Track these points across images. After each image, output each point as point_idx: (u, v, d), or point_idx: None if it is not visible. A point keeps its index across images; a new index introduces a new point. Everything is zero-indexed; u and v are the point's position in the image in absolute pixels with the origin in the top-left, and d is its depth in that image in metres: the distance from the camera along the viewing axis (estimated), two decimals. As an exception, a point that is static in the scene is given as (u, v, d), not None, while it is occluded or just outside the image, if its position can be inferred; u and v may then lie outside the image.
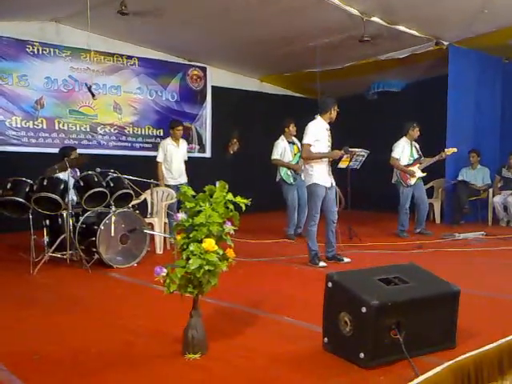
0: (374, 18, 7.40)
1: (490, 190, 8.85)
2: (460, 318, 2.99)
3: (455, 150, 7.67)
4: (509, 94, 9.32)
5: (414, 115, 8.49)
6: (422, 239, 7.24)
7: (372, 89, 10.70)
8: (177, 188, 6.87)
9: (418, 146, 7.85)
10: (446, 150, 7.73)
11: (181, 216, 2.87)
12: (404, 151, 7.76)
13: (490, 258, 5.99)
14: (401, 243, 6.86)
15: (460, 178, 8.89)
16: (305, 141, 5.56)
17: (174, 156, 7.16)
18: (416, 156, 7.76)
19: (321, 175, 5.51)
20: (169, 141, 7.25)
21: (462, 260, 5.92)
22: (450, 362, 2.71)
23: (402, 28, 7.75)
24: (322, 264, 5.53)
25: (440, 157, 7.70)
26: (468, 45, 8.42)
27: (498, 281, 4.86)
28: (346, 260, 5.71)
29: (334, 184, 5.66)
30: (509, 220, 8.66)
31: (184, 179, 7.23)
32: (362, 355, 2.70)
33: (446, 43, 8.37)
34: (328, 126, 5.65)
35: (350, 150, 7.14)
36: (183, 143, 7.38)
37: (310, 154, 5.53)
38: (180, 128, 7.24)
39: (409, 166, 7.73)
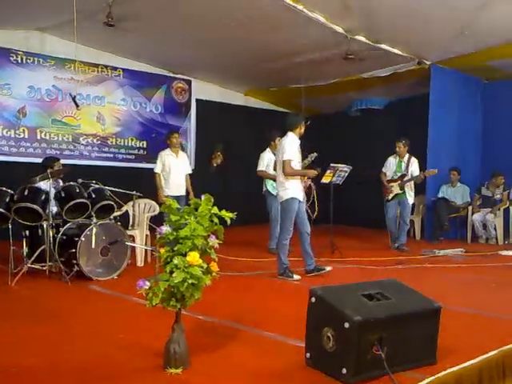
0: (359, 37, 7.53)
1: (470, 208, 8.99)
2: (440, 334, 3.02)
3: (435, 171, 7.80)
4: (489, 114, 9.51)
5: (395, 133, 8.63)
6: (402, 255, 7.31)
7: (355, 106, 10.84)
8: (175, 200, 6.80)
9: (411, 163, 7.95)
10: (426, 171, 7.87)
11: (165, 229, 2.86)
12: (390, 166, 8.10)
13: (469, 275, 6.06)
14: (382, 259, 6.90)
15: (440, 195, 9.03)
16: (286, 157, 5.53)
17: (172, 167, 7.12)
18: (403, 172, 7.89)
19: (296, 190, 5.60)
20: (167, 151, 7.23)
21: (441, 276, 5.98)
22: (431, 378, 2.74)
23: (385, 47, 7.89)
24: (296, 277, 5.56)
25: (420, 178, 7.81)
26: (449, 65, 8.60)
27: (477, 297, 4.92)
28: (328, 268, 5.72)
29: (304, 198, 5.78)
30: (487, 237, 8.79)
31: (183, 191, 7.17)
32: (344, 371, 2.70)
33: (428, 63, 8.54)
34: (299, 141, 5.69)
35: (332, 165, 7.27)
36: (183, 156, 7.36)
37: (294, 170, 5.58)
38: (176, 135, 7.24)
39: (391, 181, 7.93)
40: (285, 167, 5.54)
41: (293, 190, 5.56)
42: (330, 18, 6.97)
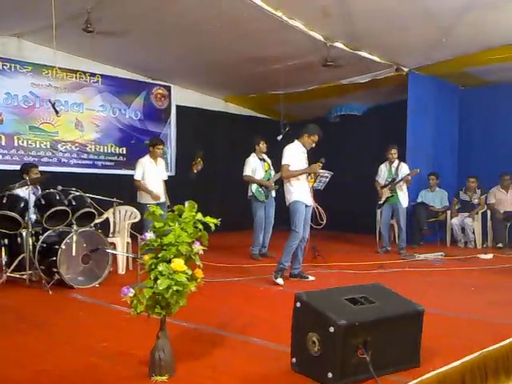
0: (337, 44, 7.61)
1: (448, 212, 9.12)
2: (423, 337, 3.05)
3: (418, 170, 7.98)
4: (465, 120, 9.70)
5: (374, 138, 8.75)
6: (383, 259, 7.39)
7: (334, 112, 10.94)
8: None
9: (400, 167, 8.13)
10: (410, 172, 8.01)
11: (149, 236, 2.84)
12: (382, 174, 8.40)
13: (449, 278, 6.15)
14: (363, 263, 6.95)
15: (419, 199, 9.15)
16: (283, 162, 5.76)
17: (152, 174, 7.04)
18: (393, 177, 8.10)
19: (301, 193, 5.70)
20: (147, 159, 7.15)
21: (422, 280, 6.05)
22: (415, 381, 2.77)
23: (363, 54, 8.00)
24: (279, 281, 5.60)
25: (407, 178, 7.96)
26: (427, 71, 8.75)
27: (457, 300, 4.99)
28: (311, 278, 5.79)
29: (311, 204, 5.80)
30: (466, 241, 8.92)
31: (163, 198, 7.10)
32: (330, 375, 2.72)
33: (405, 69, 8.67)
34: (304, 149, 5.83)
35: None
36: (161, 162, 7.31)
37: (289, 172, 5.73)
38: (161, 147, 7.17)
39: (384, 186, 8.23)
40: (282, 171, 5.79)
41: (296, 193, 5.69)
42: (309, 25, 7.04)
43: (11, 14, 7.01)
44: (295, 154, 5.75)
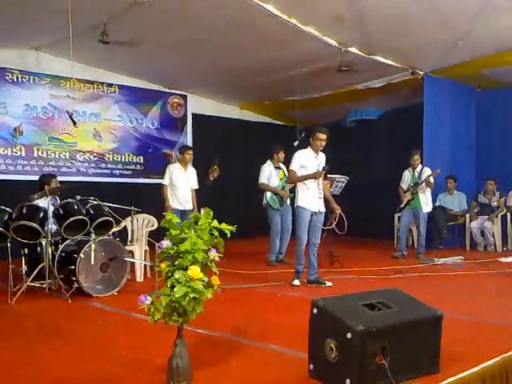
0: (352, 49, 7.60)
1: (467, 216, 9.02)
2: (442, 343, 3.02)
3: (438, 171, 7.96)
4: (482, 122, 9.58)
5: (391, 142, 8.69)
6: (402, 264, 7.32)
7: (350, 117, 10.91)
8: (181, 213, 6.78)
9: (423, 172, 8.08)
10: (431, 173, 7.99)
11: (166, 243, 2.86)
12: (405, 179, 8.40)
13: (469, 282, 6.07)
14: (381, 268, 6.90)
15: (438, 203, 9.06)
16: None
17: (179, 180, 7.12)
18: (416, 181, 8.09)
19: (305, 199, 5.76)
20: (176, 165, 7.27)
21: (442, 284, 5.99)
22: (435, 387, 2.74)
23: (378, 58, 7.97)
24: (294, 283, 5.77)
25: (428, 180, 7.91)
26: (443, 74, 8.68)
27: (478, 305, 4.92)
28: (328, 284, 5.78)
29: (321, 210, 5.82)
30: (486, 245, 8.81)
31: (189, 206, 7.17)
32: (348, 381, 2.70)
33: (421, 73, 8.62)
34: (315, 154, 5.86)
35: (329, 176, 7.30)
36: (192, 170, 7.37)
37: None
38: (190, 152, 7.26)
39: (407, 191, 8.22)
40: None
41: (301, 199, 5.79)
42: (322, 31, 7.04)
43: (29, 27, 7.15)
44: (305, 160, 5.81)
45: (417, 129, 8.76)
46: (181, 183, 7.14)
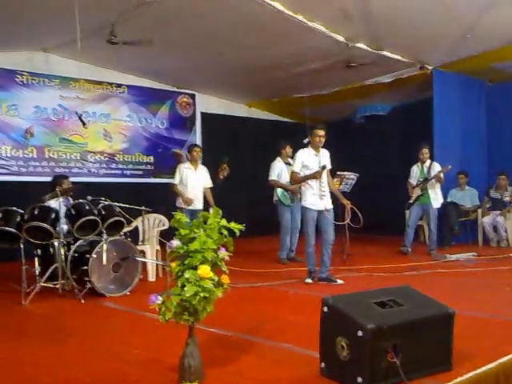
0: (360, 44, 7.56)
1: (479, 211, 8.94)
2: (455, 340, 3.00)
3: (449, 167, 7.88)
4: (493, 116, 9.49)
5: (401, 138, 8.65)
6: (414, 261, 7.28)
7: (359, 113, 10.86)
8: (190, 213, 6.79)
9: (432, 167, 7.99)
10: (441, 168, 7.92)
11: (175, 243, 2.87)
12: (414, 175, 8.28)
13: (482, 278, 6.03)
14: (393, 265, 6.86)
15: (449, 199, 8.99)
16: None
17: (189, 179, 7.17)
18: (426, 176, 7.98)
19: (309, 199, 5.82)
20: (186, 165, 7.32)
21: (454, 281, 5.95)
22: (448, 385, 2.72)
23: (387, 53, 7.92)
24: (307, 280, 5.84)
25: (438, 176, 7.83)
26: (452, 68, 8.60)
27: (490, 301, 4.88)
28: (339, 282, 5.77)
29: (328, 207, 5.80)
30: (498, 240, 8.74)
31: (200, 205, 7.21)
32: (359, 379, 2.69)
33: (430, 67, 8.55)
34: (316, 152, 5.88)
35: (339, 173, 7.28)
36: (202, 169, 7.40)
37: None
38: (197, 149, 7.33)
39: (415, 186, 8.11)
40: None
41: (305, 199, 5.86)
42: (330, 27, 7.02)
43: (37, 29, 7.19)
44: (306, 159, 5.86)
45: (426, 124, 8.70)
46: (191, 182, 7.17)
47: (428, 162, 8.12)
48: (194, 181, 7.20)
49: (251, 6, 6.21)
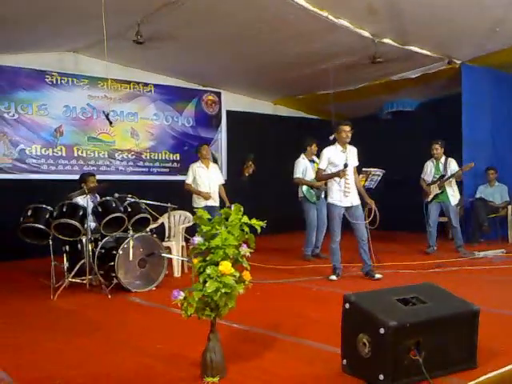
0: (386, 40, 7.48)
1: (509, 207, 8.75)
2: (481, 338, 2.95)
3: (472, 164, 7.67)
4: (524, 110, 9.26)
5: (428, 134, 8.51)
6: (441, 258, 7.17)
7: (385, 109, 10.74)
8: (207, 211, 6.83)
9: (448, 163, 7.83)
10: (463, 166, 7.76)
11: (197, 239, 2.90)
12: (428, 171, 8.08)
13: (509, 276, 5.90)
14: (420, 262, 6.78)
15: (478, 195, 8.82)
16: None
17: (202, 178, 7.24)
18: (442, 173, 7.82)
19: (334, 195, 5.86)
20: (198, 163, 7.37)
21: (482, 278, 5.84)
22: (472, 383, 2.68)
23: (413, 48, 7.81)
24: (331, 277, 5.85)
25: (458, 174, 7.69)
26: (480, 63, 8.43)
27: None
28: (377, 276, 5.82)
29: (354, 203, 5.83)
30: (529, 237, 8.54)
31: (216, 203, 7.28)
32: (381, 377, 2.68)
33: (458, 62, 8.39)
34: (342, 149, 5.88)
35: (364, 169, 7.21)
36: (214, 167, 7.48)
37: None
38: (204, 147, 7.41)
39: (431, 184, 7.91)
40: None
41: (331, 195, 5.90)
42: (355, 23, 6.96)
43: (67, 31, 7.34)
44: (333, 156, 5.86)
45: (455, 119, 8.54)
46: (203, 181, 7.24)
47: (443, 158, 7.92)
48: (207, 179, 7.27)
49: (277, 3, 6.21)
